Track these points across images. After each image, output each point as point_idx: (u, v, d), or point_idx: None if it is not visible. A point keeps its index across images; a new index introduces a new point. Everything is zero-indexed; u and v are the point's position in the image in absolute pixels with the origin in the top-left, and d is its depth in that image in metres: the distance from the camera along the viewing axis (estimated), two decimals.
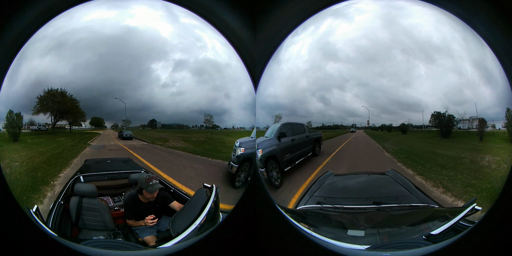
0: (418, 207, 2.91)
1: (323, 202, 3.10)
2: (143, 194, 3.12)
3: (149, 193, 3.09)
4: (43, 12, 2.56)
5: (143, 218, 3.13)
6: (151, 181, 3.08)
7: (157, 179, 3.14)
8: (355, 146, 3.80)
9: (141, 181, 3.11)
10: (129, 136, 3.11)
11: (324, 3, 2.88)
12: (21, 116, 2.42)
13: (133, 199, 3.19)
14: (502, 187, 2.41)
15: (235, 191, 3.17)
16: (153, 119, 2.94)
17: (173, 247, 2.51)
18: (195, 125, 3.30)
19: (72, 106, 2.33)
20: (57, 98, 2.37)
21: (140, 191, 3.14)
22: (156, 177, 3.16)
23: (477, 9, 2.52)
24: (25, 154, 2.38)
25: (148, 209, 3.16)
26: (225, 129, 3.38)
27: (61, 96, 2.34)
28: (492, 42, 2.59)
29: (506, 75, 2.55)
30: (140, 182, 3.11)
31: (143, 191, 3.10)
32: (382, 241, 2.48)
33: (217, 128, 3.39)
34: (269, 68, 3.02)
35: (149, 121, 2.93)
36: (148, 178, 3.10)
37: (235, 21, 2.87)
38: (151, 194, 3.10)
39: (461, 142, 3.18)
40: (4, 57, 2.50)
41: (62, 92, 2.30)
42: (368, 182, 3.60)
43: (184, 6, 2.96)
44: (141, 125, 3.12)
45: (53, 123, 2.20)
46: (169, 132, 3.36)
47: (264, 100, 3.18)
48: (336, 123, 3.64)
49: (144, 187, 3.08)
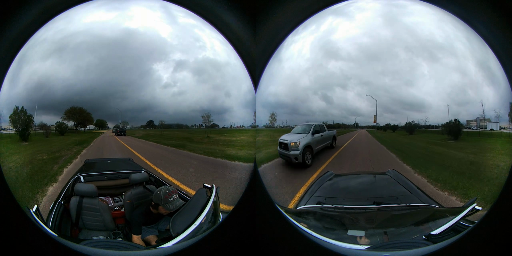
0: (418, 207, 2.91)
1: (324, 202, 3.10)
2: (159, 209, 2.89)
3: (167, 210, 2.85)
4: (41, 13, 2.55)
5: (147, 224, 3.05)
6: (171, 197, 2.81)
7: (177, 193, 2.88)
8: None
9: (158, 196, 2.83)
10: (121, 133, 3.45)
11: (324, 2, 2.87)
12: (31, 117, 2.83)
13: (143, 214, 2.97)
14: (502, 187, 2.40)
15: (235, 191, 3.18)
16: (150, 120, 3.27)
17: (173, 247, 2.51)
18: (194, 124, 3.39)
19: (88, 116, 3.01)
20: (77, 110, 3.01)
21: (156, 206, 2.88)
22: (176, 190, 2.91)
23: (477, 9, 2.51)
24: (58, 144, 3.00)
25: (156, 216, 3.06)
26: (223, 128, 3.41)
27: (80, 111, 3.00)
28: (492, 42, 2.58)
29: (506, 75, 2.54)
30: (157, 198, 2.84)
31: (159, 207, 2.86)
32: (382, 241, 2.48)
33: (217, 127, 3.41)
34: (269, 67, 3.02)
35: (147, 122, 3.29)
36: (167, 193, 2.82)
37: (235, 21, 2.86)
38: (169, 211, 2.85)
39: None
40: (3, 59, 2.50)
41: (81, 108, 2.96)
42: (369, 182, 3.60)
43: (184, 6, 2.95)
44: (142, 125, 3.41)
45: (75, 127, 3.08)
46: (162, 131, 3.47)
47: (265, 99, 3.18)
48: (338, 122, 3.64)
49: (162, 204, 2.81)
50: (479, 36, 2.66)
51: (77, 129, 3.03)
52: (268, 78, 3.06)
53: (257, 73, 2.96)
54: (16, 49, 2.55)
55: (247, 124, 3.52)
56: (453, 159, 3.23)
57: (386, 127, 3.67)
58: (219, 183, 3.14)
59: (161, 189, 2.89)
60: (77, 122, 3.11)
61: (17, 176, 2.81)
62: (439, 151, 3.38)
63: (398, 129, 3.53)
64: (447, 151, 3.27)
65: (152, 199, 2.90)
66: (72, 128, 3.08)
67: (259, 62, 2.95)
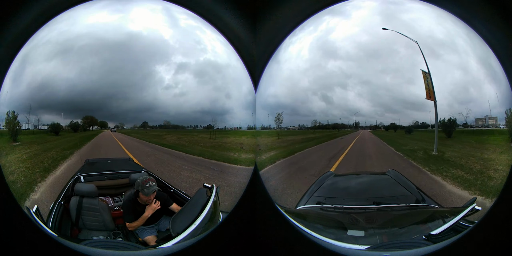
0: (418, 207, 2.91)
1: (323, 202, 3.10)
2: (140, 196, 3.04)
3: (145, 196, 2.99)
4: (42, 12, 2.56)
5: (148, 224, 3.09)
6: (147, 183, 2.99)
7: (154, 181, 3.05)
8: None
9: (137, 183, 3.03)
10: (114, 130, 3.80)
11: (323, 3, 2.87)
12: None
13: (131, 201, 3.10)
14: (502, 187, 2.40)
15: (235, 191, 3.18)
16: (145, 122, 3.63)
17: (173, 247, 2.51)
18: (190, 125, 3.59)
19: (96, 121, 3.63)
20: (89, 118, 3.57)
21: (137, 193, 3.05)
22: (153, 179, 3.08)
23: (477, 9, 2.51)
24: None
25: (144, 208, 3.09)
26: (218, 129, 3.48)
27: (92, 118, 3.55)
28: (492, 42, 2.57)
29: (506, 75, 2.54)
30: (137, 185, 3.03)
31: (139, 194, 3.02)
32: (382, 241, 2.48)
33: (215, 128, 3.47)
34: (269, 68, 3.02)
35: (142, 123, 3.65)
36: (144, 180, 3.01)
37: (235, 21, 2.87)
38: (148, 197, 2.99)
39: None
40: (4, 58, 2.51)
41: (91, 117, 3.53)
42: (369, 183, 3.59)
43: (185, 6, 2.96)
44: (135, 125, 3.74)
45: (88, 127, 3.69)
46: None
47: (264, 100, 3.18)
48: (337, 122, 3.62)
49: (140, 189, 2.99)
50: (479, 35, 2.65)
51: (88, 129, 3.67)
52: (267, 80, 3.07)
53: (257, 74, 2.97)
54: (17, 48, 2.56)
55: (245, 125, 3.55)
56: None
57: (390, 127, 3.63)
58: (219, 183, 3.14)
59: (139, 177, 3.10)
60: (88, 125, 3.67)
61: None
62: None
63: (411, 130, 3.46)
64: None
65: (134, 187, 3.08)
66: (85, 128, 3.69)
67: (259, 63, 2.95)
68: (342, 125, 3.77)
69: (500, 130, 2.94)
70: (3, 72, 2.55)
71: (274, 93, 3.32)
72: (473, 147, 3.04)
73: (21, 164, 3.06)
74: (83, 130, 3.66)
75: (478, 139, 3.05)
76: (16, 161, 3.01)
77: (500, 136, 3.00)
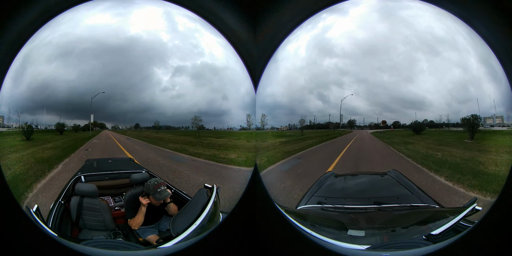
0: (418, 207, 2.91)
1: (324, 202, 3.10)
2: (150, 199, 3.05)
3: (156, 200, 3.04)
4: (44, 11, 2.56)
5: (148, 223, 3.11)
6: (159, 188, 3.01)
7: (165, 185, 3.08)
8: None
9: (148, 187, 3.04)
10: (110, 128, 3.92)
11: (323, 3, 2.87)
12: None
13: (133, 201, 3.12)
14: (502, 187, 2.40)
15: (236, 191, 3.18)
16: (137, 123, 3.87)
17: (173, 247, 2.51)
18: (182, 126, 3.71)
19: (98, 124, 3.82)
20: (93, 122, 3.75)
21: (146, 195, 3.06)
22: (164, 182, 3.11)
23: (477, 9, 2.50)
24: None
25: (149, 209, 3.12)
26: (207, 129, 3.55)
27: (95, 122, 3.73)
28: (492, 42, 2.57)
29: (506, 75, 2.54)
30: (147, 188, 3.04)
31: (150, 197, 3.03)
32: (382, 241, 2.48)
33: (205, 129, 3.56)
34: (268, 68, 3.02)
35: (135, 124, 3.88)
36: (156, 184, 3.02)
37: (235, 21, 2.87)
38: (159, 201, 3.05)
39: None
40: (4, 58, 2.51)
41: (95, 121, 3.72)
42: (369, 183, 3.59)
43: (185, 6, 2.97)
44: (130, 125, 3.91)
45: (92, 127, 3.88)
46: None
47: (263, 100, 3.17)
48: (331, 121, 3.59)
49: (151, 193, 3.01)
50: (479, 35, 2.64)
51: (92, 129, 3.86)
52: (266, 79, 3.06)
53: (257, 74, 2.97)
54: (17, 48, 2.57)
55: (238, 126, 3.61)
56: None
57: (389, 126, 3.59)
58: (219, 183, 3.15)
59: (151, 180, 3.11)
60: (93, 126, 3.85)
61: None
62: None
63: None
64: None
65: (144, 190, 3.09)
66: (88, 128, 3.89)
67: (259, 64, 2.95)
68: (336, 124, 3.71)
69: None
70: (3, 71, 2.55)
71: (272, 92, 3.32)
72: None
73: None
74: (88, 129, 3.87)
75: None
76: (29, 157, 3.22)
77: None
